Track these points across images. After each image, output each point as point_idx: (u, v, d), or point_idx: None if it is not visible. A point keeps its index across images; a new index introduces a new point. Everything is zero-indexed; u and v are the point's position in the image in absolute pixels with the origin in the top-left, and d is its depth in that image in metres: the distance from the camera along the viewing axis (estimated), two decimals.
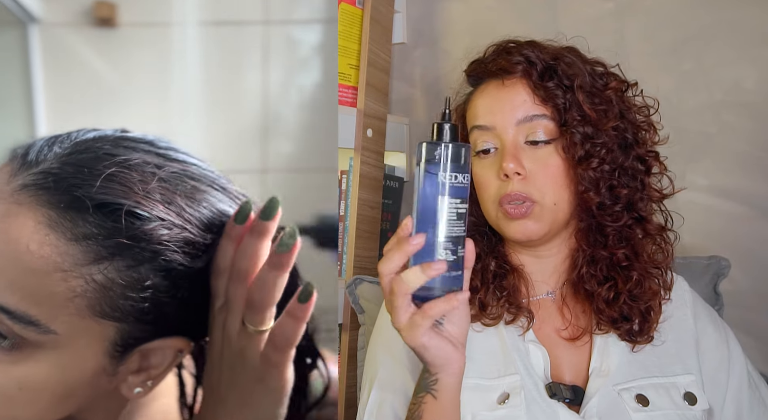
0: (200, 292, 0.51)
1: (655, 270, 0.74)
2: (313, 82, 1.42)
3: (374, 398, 0.74)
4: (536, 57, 0.73)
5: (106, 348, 0.48)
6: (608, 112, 0.72)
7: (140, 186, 0.47)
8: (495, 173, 0.72)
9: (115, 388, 0.51)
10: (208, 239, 0.50)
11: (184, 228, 0.48)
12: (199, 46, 1.36)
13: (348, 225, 1.20)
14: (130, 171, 0.48)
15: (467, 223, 0.77)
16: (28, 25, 1.33)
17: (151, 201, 0.47)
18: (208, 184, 0.52)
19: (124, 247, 0.46)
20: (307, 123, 1.40)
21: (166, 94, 1.35)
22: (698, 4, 1.07)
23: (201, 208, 0.50)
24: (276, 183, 1.38)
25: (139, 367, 0.51)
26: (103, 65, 1.34)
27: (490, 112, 0.73)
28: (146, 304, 0.47)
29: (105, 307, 0.46)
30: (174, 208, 0.48)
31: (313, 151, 1.38)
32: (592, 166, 0.70)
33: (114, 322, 0.47)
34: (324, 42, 1.40)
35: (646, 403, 0.69)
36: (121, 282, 0.46)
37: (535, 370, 0.72)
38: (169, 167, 0.50)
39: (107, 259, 0.46)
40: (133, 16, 1.35)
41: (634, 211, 0.73)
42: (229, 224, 0.50)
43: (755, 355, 1.00)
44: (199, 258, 0.49)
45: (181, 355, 0.52)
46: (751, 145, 1.04)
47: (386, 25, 1.26)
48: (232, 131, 1.37)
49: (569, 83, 0.71)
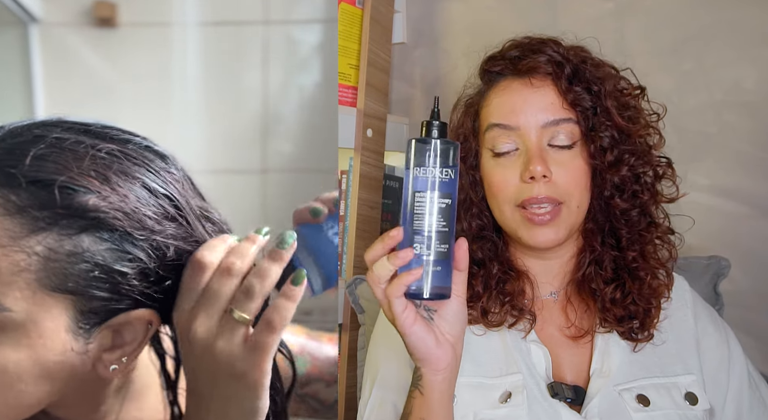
0: (159, 266, 0.52)
1: (661, 270, 0.74)
2: (313, 82, 1.42)
3: (375, 396, 0.74)
4: (563, 58, 0.72)
5: (68, 324, 0.49)
6: (634, 119, 0.72)
7: (74, 163, 0.49)
8: (515, 174, 0.71)
9: (92, 369, 0.52)
10: (148, 213, 0.51)
11: (121, 201, 0.50)
12: (199, 46, 1.37)
13: (348, 225, 1.20)
14: (62, 151, 0.50)
15: (474, 227, 0.76)
16: (28, 25, 1.33)
17: (85, 177, 0.49)
18: (141, 164, 0.53)
19: (60, 217, 0.47)
20: (307, 123, 1.40)
21: (166, 94, 1.35)
22: (698, 4, 1.07)
23: (136, 185, 0.52)
24: (276, 183, 1.38)
25: (112, 344, 0.52)
26: (103, 65, 1.34)
27: (513, 112, 0.72)
28: (95, 273, 0.48)
29: (54, 279, 0.48)
30: (109, 184, 0.50)
31: (313, 151, 1.38)
32: (621, 172, 0.70)
33: (68, 295, 0.48)
34: (324, 42, 1.40)
35: (647, 403, 0.69)
36: (63, 252, 0.47)
37: (537, 370, 0.72)
38: (105, 147, 0.51)
39: (44, 230, 0.47)
40: (133, 16, 1.35)
41: (647, 215, 0.74)
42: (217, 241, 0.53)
43: (755, 355, 1.00)
44: (143, 230, 0.51)
45: (151, 327, 0.53)
46: (752, 145, 1.04)
47: (386, 25, 1.26)
48: (232, 131, 1.37)
49: (597, 88, 0.71)
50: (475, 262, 0.75)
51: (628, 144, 0.71)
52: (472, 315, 0.73)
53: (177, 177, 0.56)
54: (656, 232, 0.74)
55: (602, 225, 0.73)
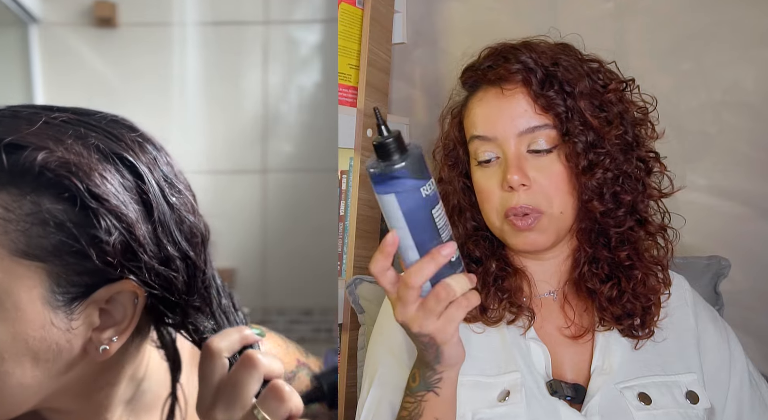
0: (133, 238, 0.50)
1: (656, 267, 0.74)
2: (313, 82, 1.42)
3: (373, 395, 0.74)
4: (534, 63, 0.71)
5: (43, 295, 0.48)
6: (611, 119, 0.72)
7: (25, 127, 0.48)
8: (498, 183, 0.71)
9: (83, 352, 0.50)
10: (108, 175, 0.49)
11: (75, 158, 0.48)
12: (199, 46, 1.37)
13: (348, 225, 1.20)
14: (16, 119, 0.49)
15: (469, 228, 0.76)
16: (28, 25, 1.33)
17: (36, 136, 0.48)
18: (100, 132, 0.52)
19: (11, 176, 0.47)
20: (307, 123, 1.40)
21: (166, 94, 1.35)
22: (698, 4, 1.07)
23: (91, 147, 0.50)
24: (276, 183, 1.38)
25: (100, 322, 0.51)
26: (103, 65, 1.34)
27: (489, 122, 0.72)
28: (61, 237, 0.47)
29: (18, 243, 0.47)
30: (62, 145, 0.48)
31: (313, 151, 1.38)
32: (596, 176, 0.69)
33: (39, 263, 0.47)
34: (324, 42, 1.40)
35: (649, 402, 0.69)
36: (23, 212, 0.47)
37: (536, 368, 0.72)
38: (61, 116, 0.51)
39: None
40: (133, 16, 1.35)
41: (636, 213, 0.73)
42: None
43: (755, 355, 1.00)
44: (105, 195, 0.48)
45: (138, 301, 0.51)
46: (751, 145, 1.04)
47: (386, 25, 1.26)
48: (232, 131, 1.37)
49: (570, 89, 0.70)
50: (472, 260, 0.76)
51: (603, 146, 0.70)
52: (471, 312, 0.73)
53: (145, 149, 0.53)
54: (647, 230, 0.73)
55: (592, 225, 0.73)
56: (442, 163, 0.81)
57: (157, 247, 0.51)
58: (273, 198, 1.38)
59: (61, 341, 0.49)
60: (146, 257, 0.50)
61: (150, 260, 0.50)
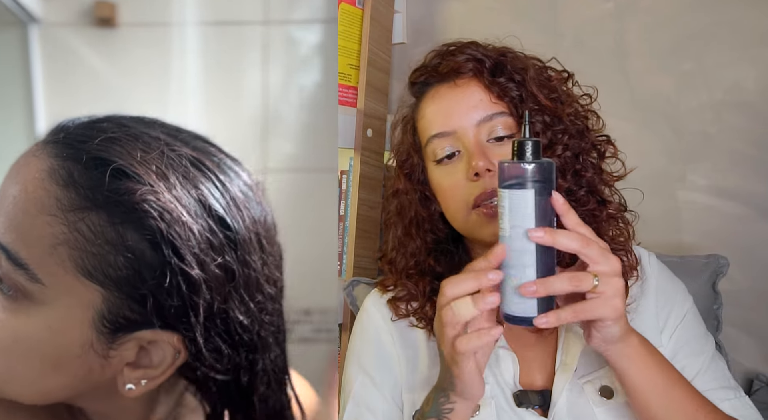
0: (191, 302, 0.49)
1: (620, 251, 0.73)
2: (313, 82, 1.42)
3: (350, 413, 0.75)
4: (483, 54, 0.72)
5: (92, 318, 0.48)
6: (563, 100, 0.72)
7: (139, 153, 0.49)
8: (463, 176, 0.70)
9: (110, 381, 0.51)
10: (198, 227, 0.49)
11: (173, 203, 0.48)
12: (199, 46, 1.36)
13: (348, 225, 1.20)
14: (135, 140, 0.50)
15: (429, 241, 0.76)
16: (28, 25, 1.33)
17: (144, 167, 0.48)
18: (207, 175, 0.52)
19: (107, 201, 0.47)
20: (307, 123, 1.40)
21: (165, 94, 1.35)
22: (698, 4, 1.07)
23: (192, 194, 0.50)
24: (276, 183, 1.38)
25: (136, 360, 0.51)
26: (103, 65, 1.34)
27: (446, 117, 0.72)
28: (131, 271, 0.47)
29: (87, 263, 0.47)
30: (165, 183, 0.48)
31: (313, 151, 1.37)
32: (557, 153, 0.69)
33: (97, 286, 0.47)
34: (324, 42, 1.40)
35: (610, 396, 0.68)
36: (104, 238, 0.47)
37: (504, 379, 0.71)
38: (178, 149, 0.51)
39: (90, 209, 0.47)
40: (133, 16, 1.35)
41: (596, 194, 0.72)
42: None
43: (755, 355, 1.00)
44: (190, 248, 0.48)
45: (179, 357, 0.51)
46: (751, 145, 1.04)
47: (386, 25, 1.26)
48: (232, 131, 1.37)
49: (520, 77, 0.71)
50: (436, 276, 0.75)
51: (560, 124, 0.70)
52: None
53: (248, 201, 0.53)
54: (607, 210, 0.72)
55: None
56: (397, 174, 0.80)
57: (223, 316, 0.50)
58: (273, 198, 1.38)
59: (95, 365, 0.50)
60: (201, 326, 0.49)
61: (207, 330, 0.50)
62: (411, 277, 0.77)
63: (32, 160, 0.49)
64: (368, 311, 0.81)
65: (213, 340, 0.50)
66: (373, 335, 0.79)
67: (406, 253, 0.78)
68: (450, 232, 0.77)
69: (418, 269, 0.77)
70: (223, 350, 0.51)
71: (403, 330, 0.77)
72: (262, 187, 0.56)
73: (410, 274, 0.77)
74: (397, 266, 0.78)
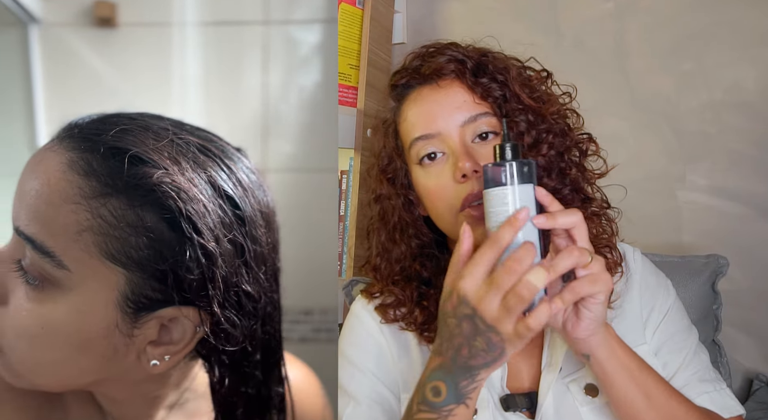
0: (210, 275, 0.52)
1: (604, 248, 0.72)
2: (313, 82, 1.42)
3: (350, 412, 0.74)
4: (464, 55, 0.72)
5: (116, 299, 0.51)
6: (545, 99, 0.72)
7: (152, 142, 0.52)
8: (449, 177, 0.69)
9: (135, 360, 0.53)
10: (211, 205, 0.52)
11: (187, 183, 0.51)
12: (199, 46, 1.36)
13: (348, 225, 1.20)
14: (146, 130, 0.53)
15: (414, 246, 0.76)
16: (28, 25, 1.33)
17: (158, 153, 0.51)
18: (214, 160, 0.55)
19: (126, 186, 0.50)
20: (307, 123, 1.40)
21: (165, 94, 1.35)
22: (698, 4, 1.07)
23: (202, 177, 0.53)
24: (276, 183, 1.38)
25: (158, 337, 0.53)
26: (103, 65, 1.34)
27: (429, 119, 0.71)
28: (149, 253, 0.50)
29: (110, 246, 0.50)
30: (178, 167, 0.52)
31: (313, 151, 1.38)
32: (542, 152, 0.69)
33: (121, 268, 0.50)
34: (324, 42, 1.40)
35: (595, 394, 0.68)
36: (126, 221, 0.50)
37: (493, 382, 0.70)
38: (185, 137, 0.54)
39: (110, 195, 0.50)
40: (133, 16, 1.35)
41: (580, 192, 0.72)
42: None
43: (755, 355, 1.01)
44: (204, 223, 0.51)
45: (199, 330, 0.53)
46: (751, 145, 1.04)
47: (386, 25, 1.26)
48: (232, 131, 1.37)
49: (502, 77, 0.71)
50: (423, 281, 0.74)
51: (543, 123, 0.70)
52: (431, 336, 0.71)
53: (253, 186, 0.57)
54: (591, 208, 0.72)
55: None
56: (380, 179, 0.79)
57: (235, 288, 0.54)
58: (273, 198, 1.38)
59: (120, 345, 0.52)
60: (219, 298, 0.52)
61: (223, 302, 0.53)
62: (397, 283, 0.76)
63: (50, 155, 0.52)
64: (358, 315, 0.80)
65: (228, 312, 0.53)
66: (365, 335, 0.78)
67: (390, 259, 0.77)
68: (434, 236, 0.76)
69: (404, 275, 0.76)
70: (236, 321, 0.54)
71: (395, 332, 0.77)
72: (262, 173, 0.59)
73: (396, 280, 0.76)
74: (382, 273, 0.77)
